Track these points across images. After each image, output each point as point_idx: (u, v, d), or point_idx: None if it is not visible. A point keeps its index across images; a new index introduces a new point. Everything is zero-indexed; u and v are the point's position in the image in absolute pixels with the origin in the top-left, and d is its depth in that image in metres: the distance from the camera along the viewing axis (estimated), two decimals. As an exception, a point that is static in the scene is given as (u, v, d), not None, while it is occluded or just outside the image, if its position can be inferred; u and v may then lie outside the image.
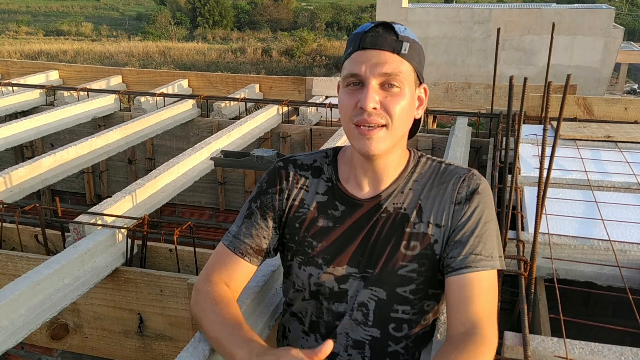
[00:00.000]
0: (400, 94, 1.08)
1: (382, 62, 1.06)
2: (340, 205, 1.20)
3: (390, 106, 1.07)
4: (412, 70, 1.10)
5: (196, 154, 2.86)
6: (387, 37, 1.08)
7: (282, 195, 1.24)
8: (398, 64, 1.07)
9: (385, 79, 1.07)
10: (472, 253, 1.10)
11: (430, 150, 3.55)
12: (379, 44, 1.07)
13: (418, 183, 1.18)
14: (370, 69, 1.07)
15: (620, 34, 11.79)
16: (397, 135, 1.11)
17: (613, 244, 1.80)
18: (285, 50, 25.03)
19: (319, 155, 1.28)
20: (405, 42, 1.08)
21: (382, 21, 1.10)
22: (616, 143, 2.95)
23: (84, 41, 28.97)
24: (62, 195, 4.69)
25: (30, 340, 2.06)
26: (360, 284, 1.17)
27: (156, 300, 1.95)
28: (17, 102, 4.26)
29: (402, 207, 1.16)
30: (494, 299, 1.11)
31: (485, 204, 1.14)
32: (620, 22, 23.27)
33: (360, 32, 1.10)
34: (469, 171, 1.18)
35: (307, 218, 1.21)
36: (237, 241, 1.23)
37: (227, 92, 4.84)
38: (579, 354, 1.25)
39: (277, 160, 1.30)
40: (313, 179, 1.24)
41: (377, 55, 1.07)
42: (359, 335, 1.19)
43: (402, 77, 1.08)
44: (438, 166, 1.21)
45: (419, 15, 12.59)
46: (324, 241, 1.19)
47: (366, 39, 1.08)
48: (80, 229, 2.02)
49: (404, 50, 1.08)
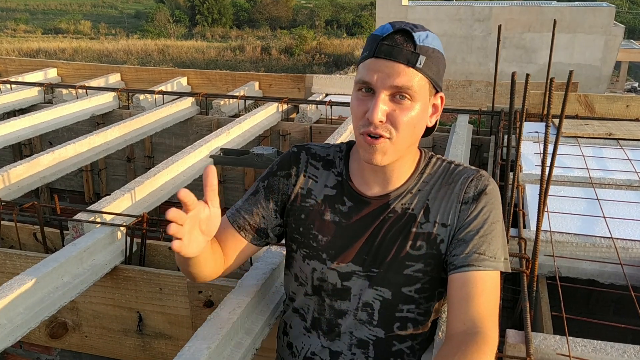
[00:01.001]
0: (410, 106, 1.06)
1: (394, 74, 1.04)
2: (348, 201, 1.19)
3: (397, 119, 1.06)
4: (426, 82, 1.07)
5: (195, 152, 2.85)
6: (404, 48, 1.04)
7: (290, 180, 1.24)
8: (411, 77, 1.04)
9: (395, 90, 1.05)
10: (475, 252, 1.09)
11: (431, 147, 3.53)
12: (394, 54, 1.04)
13: (427, 184, 1.18)
14: (381, 80, 1.05)
15: (620, 32, 11.79)
16: (402, 147, 1.10)
17: (615, 242, 1.79)
18: (285, 48, 25.00)
19: (333, 149, 1.27)
20: (422, 55, 1.05)
21: (403, 27, 1.06)
22: (618, 140, 2.94)
23: (83, 39, 28.91)
24: (60, 193, 4.67)
25: (29, 338, 2.05)
26: (364, 282, 1.16)
27: (155, 298, 1.94)
28: (15, 100, 4.25)
29: (410, 208, 1.16)
30: (495, 300, 1.10)
31: (492, 204, 1.13)
32: (621, 20, 23.27)
33: (378, 37, 1.06)
34: (478, 172, 1.17)
35: (313, 210, 1.21)
36: (237, 215, 1.26)
37: (227, 89, 4.82)
38: (582, 352, 1.24)
39: (293, 145, 1.30)
40: (324, 171, 1.23)
41: (390, 67, 1.04)
42: (364, 335, 1.19)
43: (414, 89, 1.05)
44: (447, 166, 1.20)
45: (419, 13, 12.58)
46: (329, 236, 1.18)
47: (382, 47, 1.05)
48: (79, 227, 2.01)
49: (419, 64, 1.05)
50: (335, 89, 4.53)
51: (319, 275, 1.20)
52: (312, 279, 1.21)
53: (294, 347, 1.28)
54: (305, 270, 1.22)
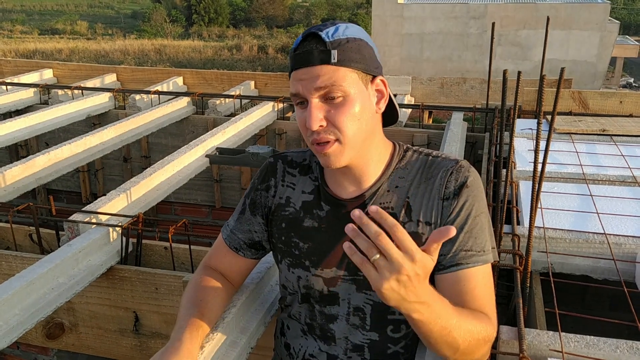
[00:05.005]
0: (344, 102, 1.03)
1: (314, 77, 1.02)
2: (325, 205, 1.17)
3: (335, 119, 1.03)
4: (353, 72, 1.04)
5: (191, 152, 2.85)
6: (314, 51, 1.02)
7: (270, 192, 1.24)
8: (331, 74, 1.02)
9: (322, 92, 1.03)
10: (462, 249, 1.07)
11: (426, 145, 3.54)
12: (306, 60, 1.03)
13: (404, 180, 1.13)
14: (305, 87, 1.03)
15: (615, 28, 11.81)
16: (356, 143, 1.07)
17: (608, 237, 1.80)
18: (282, 47, 24.97)
19: (310, 152, 1.25)
20: (334, 50, 1.02)
21: (310, 31, 1.05)
22: (611, 136, 2.95)
23: (79, 40, 28.85)
24: (57, 194, 4.68)
25: (26, 339, 2.06)
26: (351, 287, 1.15)
27: (151, 298, 1.95)
28: (11, 101, 4.24)
29: (389, 207, 1.12)
30: (490, 290, 1.09)
31: (474, 197, 1.10)
32: (616, 16, 23.28)
33: (292, 50, 1.06)
34: (457, 163, 1.12)
35: (292, 218, 1.20)
36: (233, 236, 1.28)
37: (222, 89, 4.83)
38: (574, 347, 1.25)
39: (270, 155, 1.29)
40: (300, 177, 1.22)
41: (308, 72, 1.03)
42: (358, 339, 1.18)
43: (339, 85, 1.02)
44: (425, 159, 1.15)
45: (415, 11, 12.59)
46: (310, 242, 1.17)
47: (296, 57, 1.04)
48: (74, 228, 2.01)
49: (333, 59, 1.02)
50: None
51: (305, 283, 1.18)
52: (299, 287, 1.20)
53: (292, 348, 1.28)
54: (291, 279, 1.21)
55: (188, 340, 1.11)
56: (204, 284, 1.24)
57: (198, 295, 1.21)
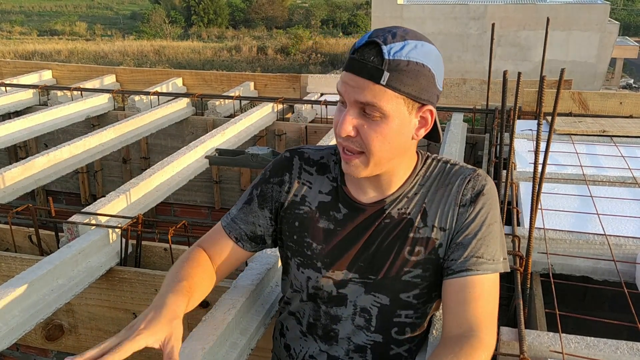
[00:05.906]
0: (380, 123, 1.00)
1: (359, 90, 0.99)
2: (343, 208, 1.16)
3: (367, 136, 1.01)
4: (400, 97, 0.99)
5: (191, 153, 2.85)
6: (368, 63, 0.97)
7: (283, 187, 1.21)
8: (376, 93, 0.98)
9: (362, 106, 1.00)
10: (473, 256, 1.07)
11: (425, 146, 3.54)
12: (357, 70, 0.98)
13: (424, 186, 1.14)
14: (348, 94, 1.00)
15: (615, 29, 11.82)
16: (381, 162, 1.05)
17: (608, 238, 1.80)
18: (281, 48, 24.99)
19: (327, 151, 1.23)
20: (388, 72, 0.96)
21: (374, 39, 0.98)
22: (611, 137, 2.95)
23: (78, 41, 28.85)
24: (56, 195, 4.67)
25: (25, 341, 2.05)
26: (360, 289, 1.15)
27: (151, 299, 1.92)
28: (10, 102, 4.24)
29: (407, 212, 1.13)
30: (494, 302, 1.09)
31: (490, 205, 1.10)
32: (616, 17, 23.29)
33: (352, 50, 1.02)
34: (475, 171, 1.13)
35: (307, 217, 1.18)
36: (234, 224, 1.24)
37: (222, 90, 4.82)
38: (575, 348, 1.25)
39: (286, 149, 1.27)
40: (318, 176, 1.20)
41: (355, 81, 0.99)
42: (361, 340, 1.18)
43: (380, 106, 0.98)
44: (443, 167, 1.16)
45: (415, 12, 12.60)
46: (324, 244, 1.16)
47: (350, 60, 1.00)
48: (74, 229, 2.01)
49: (382, 81, 0.97)
50: (330, 89, 4.52)
51: (314, 284, 1.18)
52: (307, 287, 1.19)
53: (292, 349, 1.27)
54: (300, 278, 1.20)
55: (173, 303, 1.06)
56: (194, 263, 1.20)
57: (187, 270, 1.17)
